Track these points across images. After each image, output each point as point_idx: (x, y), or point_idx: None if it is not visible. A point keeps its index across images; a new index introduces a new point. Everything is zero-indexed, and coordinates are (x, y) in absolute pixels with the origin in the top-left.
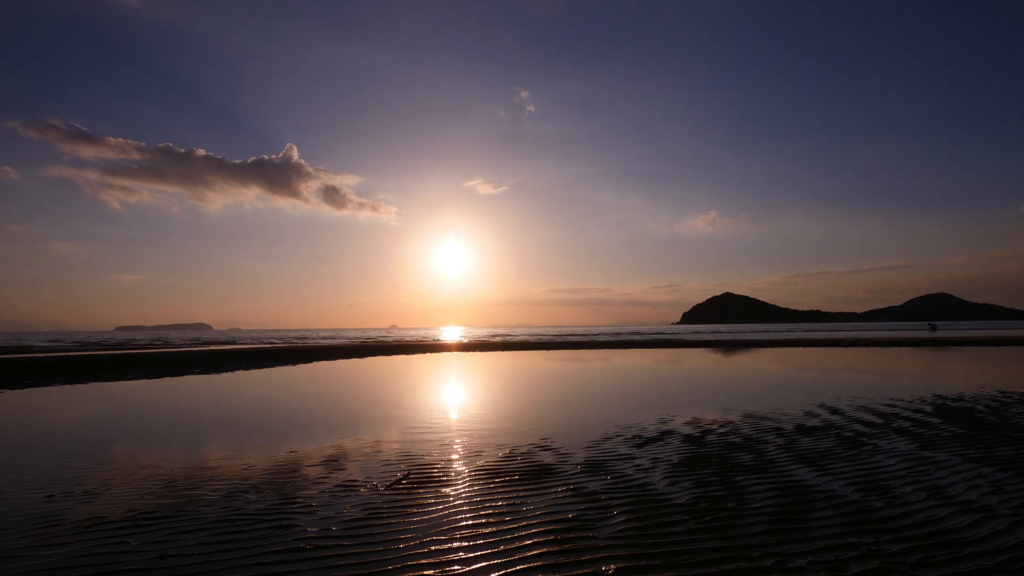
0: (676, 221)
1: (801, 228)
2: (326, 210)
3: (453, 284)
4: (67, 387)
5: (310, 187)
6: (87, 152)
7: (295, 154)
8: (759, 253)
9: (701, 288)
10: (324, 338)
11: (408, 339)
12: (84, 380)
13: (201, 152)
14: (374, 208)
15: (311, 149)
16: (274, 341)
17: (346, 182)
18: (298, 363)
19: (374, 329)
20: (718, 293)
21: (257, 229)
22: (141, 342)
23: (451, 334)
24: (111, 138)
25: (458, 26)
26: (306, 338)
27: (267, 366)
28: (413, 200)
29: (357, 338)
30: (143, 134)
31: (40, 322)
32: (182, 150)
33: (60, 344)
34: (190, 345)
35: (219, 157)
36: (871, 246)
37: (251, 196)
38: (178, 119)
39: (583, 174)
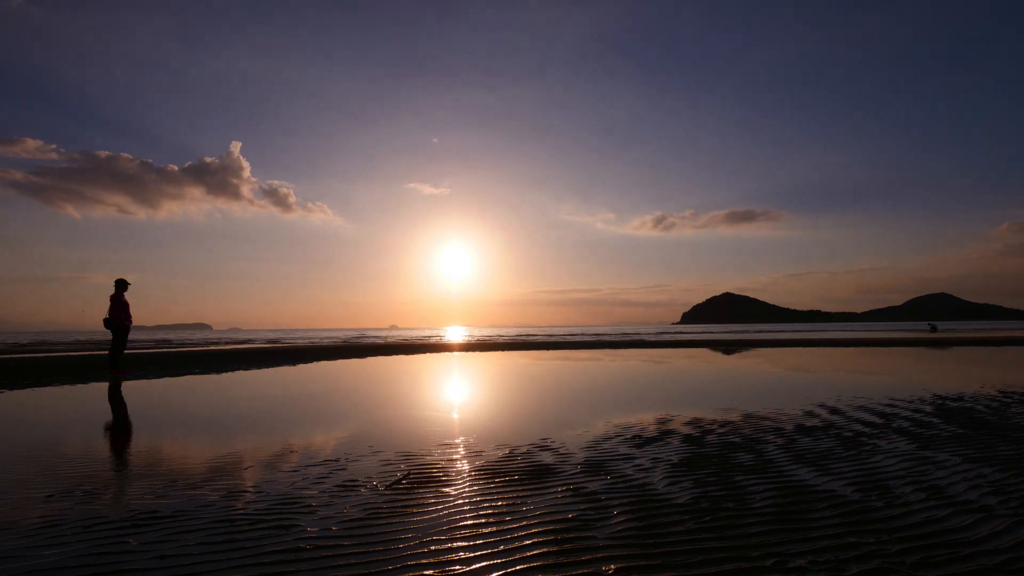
0: (625, 222)
1: (785, 230)
2: (276, 212)
3: (442, 285)
4: (67, 387)
5: (252, 190)
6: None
7: (236, 151)
8: (746, 254)
9: (688, 288)
10: (325, 338)
11: (408, 339)
12: (84, 380)
13: (128, 156)
14: (322, 211)
15: (234, 158)
16: (274, 341)
17: (283, 188)
18: (298, 363)
19: (375, 329)
20: (716, 293)
21: (210, 233)
22: (140, 342)
23: (450, 334)
24: (29, 139)
25: (353, 39)
26: (307, 338)
27: (267, 366)
28: (355, 204)
29: (358, 338)
30: (56, 140)
31: (39, 321)
32: (104, 153)
33: (59, 344)
34: (190, 345)
35: (148, 161)
36: (851, 248)
37: (197, 198)
38: (90, 127)
39: (523, 176)
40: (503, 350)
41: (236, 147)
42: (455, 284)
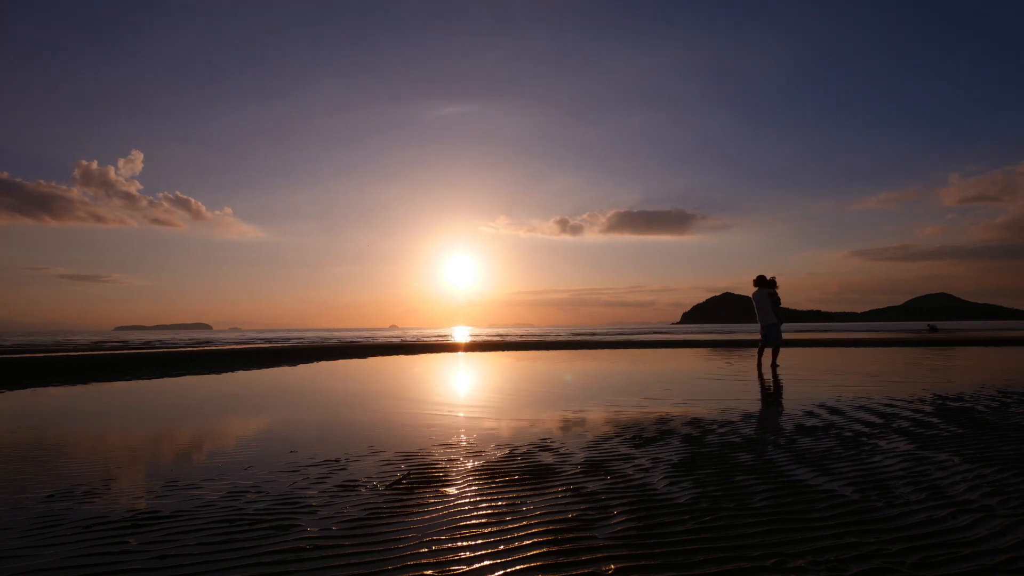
0: (532, 227)
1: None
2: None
3: (438, 287)
4: (66, 387)
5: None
6: None
7: (139, 161)
8: (732, 254)
9: (665, 289)
10: (325, 338)
11: (408, 339)
12: (84, 380)
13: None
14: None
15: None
16: (275, 341)
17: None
18: (299, 363)
19: (374, 329)
20: (711, 294)
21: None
22: (140, 342)
23: (449, 334)
24: None
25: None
26: (307, 338)
27: (268, 366)
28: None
29: (358, 338)
30: None
31: (39, 322)
32: None
33: (59, 344)
34: (190, 345)
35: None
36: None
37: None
38: None
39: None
40: (503, 350)
41: (138, 157)
42: (448, 287)
